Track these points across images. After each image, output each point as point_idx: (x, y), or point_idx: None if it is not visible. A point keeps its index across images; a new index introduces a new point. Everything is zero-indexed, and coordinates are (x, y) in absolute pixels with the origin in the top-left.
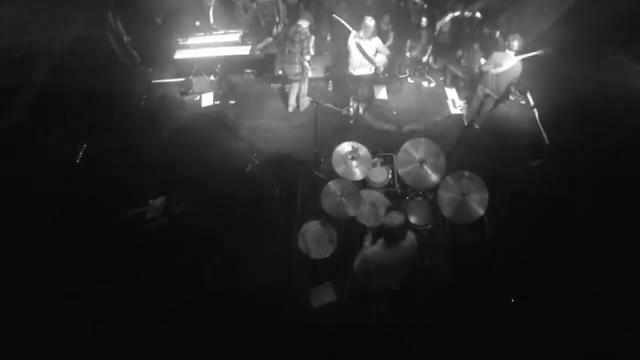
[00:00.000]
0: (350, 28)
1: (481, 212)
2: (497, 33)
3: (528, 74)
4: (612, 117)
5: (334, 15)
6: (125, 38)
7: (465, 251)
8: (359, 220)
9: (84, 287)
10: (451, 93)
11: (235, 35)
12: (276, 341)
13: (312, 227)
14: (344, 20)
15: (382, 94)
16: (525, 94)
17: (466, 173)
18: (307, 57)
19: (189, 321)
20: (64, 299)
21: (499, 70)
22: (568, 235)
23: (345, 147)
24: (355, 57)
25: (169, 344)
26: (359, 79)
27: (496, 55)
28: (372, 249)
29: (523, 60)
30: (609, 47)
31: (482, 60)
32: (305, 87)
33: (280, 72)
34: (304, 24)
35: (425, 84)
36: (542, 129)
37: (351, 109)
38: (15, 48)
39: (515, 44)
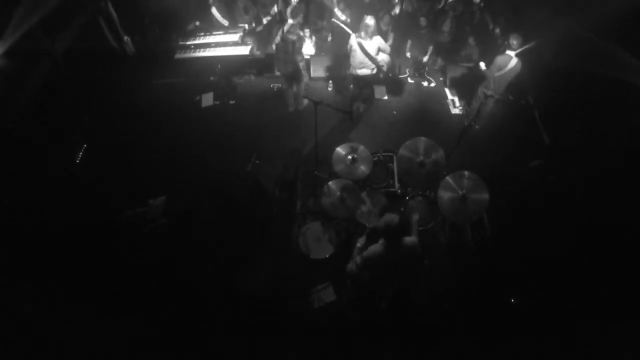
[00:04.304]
0: (349, 30)
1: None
2: (497, 31)
3: (527, 73)
4: (613, 116)
5: (333, 19)
6: (125, 38)
7: (465, 251)
8: (359, 220)
9: (83, 288)
10: (451, 93)
11: (235, 35)
12: (276, 341)
13: (312, 227)
14: (344, 20)
15: (382, 94)
16: (525, 94)
17: (466, 173)
18: (299, 58)
19: (189, 321)
20: (64, 300)
21: (502, 72)
22: (568, 235)
23: (345, 147)
24: (358, 57)
25: (168, 344)
26: (360, 79)
27: (499, 59)
28: (372, 248)
29: (522, 59)
30: (610, 45)
31: (483, 65)
32: (302, 86)
33: (278, 72)
34: (294, 21)
35: (425, 84)
36: (542, 129)
37: (353, 109)
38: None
39: (516, 43)
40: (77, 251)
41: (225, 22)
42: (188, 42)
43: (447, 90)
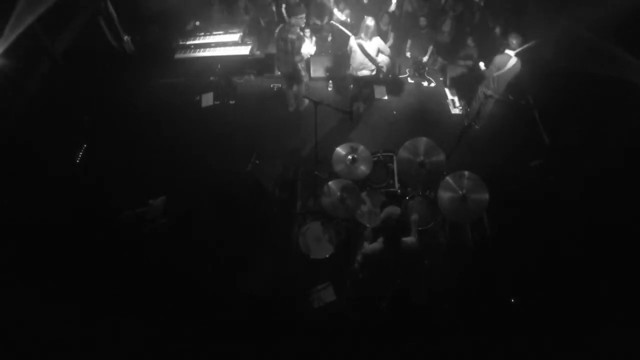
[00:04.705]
0: (348, 32)
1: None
2: (498, 31)
3: (527, 73)
4: (613, 116)
5: (332, 21)
6: (125, 38)
7: (465, 251)
8: (359, 220)
9: (83, 288)
10: (451, 93)
11: (235, 36)
12: (275, 342)
13: (312, 227)
14: (343, 20)
15: (382, 94)
16: (525, 94)
17: (466, 173)
18: (298, 58)
19: (188, 321)
20: (63, 300)
21: (501, 72)
22: (568, 235)
23: (345, 147)
24: (358, 59)
25: (167, 345)
26: (360, 79)
27: (497, 58)
28: (372, 246)
29: (521, 59)
30: (610, 45)
31: (482, 65)
32: (302, 87)
33: (278, 72)
34: (295, 21)
35: (425, 84)
36: (542, 129)
37: (353, 109)
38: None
39: (515, 42)
40: (77, 251)
41: (226, 21)
42: (188, 42)
43: (447, 90)
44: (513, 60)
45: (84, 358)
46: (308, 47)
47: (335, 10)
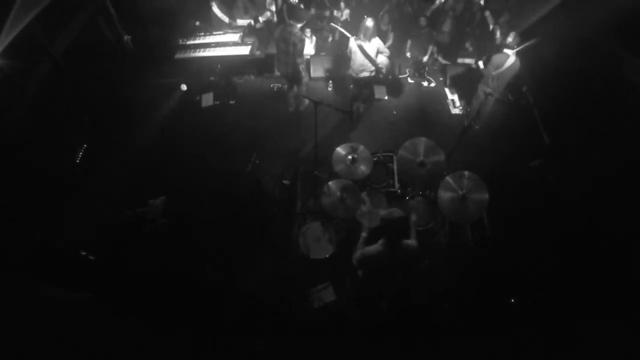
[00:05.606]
0: (348, 34)
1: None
2: (498, 33)
3: (527, 73)
4: (613, 116)
5: (331, 23)
6: (125, 38)
7: (465, 251)
8: (359, 220)
9: (82, 288)
10: (451, 93)
11: (235, 35)
12: (275, 342)
13: (312, 227)
14: (344, 19)
15: (382, 94)
16: (525, 93)
17: (466, 173)
18: (299, 60)
19: (188, 321)
20: (63, 300)
21: (499, 70)
22: (568, 235)
23: (345, 147)
24: (358, 60)
25: (168, 345)
26: (360, 80)
27: (496, 57)
28: (372, 248)
29: (520, 56)
30: (610, 45)
31: (481, 64)
32: (302, 87)
33: (278, 72)
34: (296, 23)
35: (425, 84)
36: (542, 129)
37: (353, 109)
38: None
39: (513, 41)
40: (76, 251)
41: (226, 19)
42: (188, 42)
43: (447, 90)
44: (512, 59)
45: (82, 358)
46: (307, 48)
47: (335, 11)
